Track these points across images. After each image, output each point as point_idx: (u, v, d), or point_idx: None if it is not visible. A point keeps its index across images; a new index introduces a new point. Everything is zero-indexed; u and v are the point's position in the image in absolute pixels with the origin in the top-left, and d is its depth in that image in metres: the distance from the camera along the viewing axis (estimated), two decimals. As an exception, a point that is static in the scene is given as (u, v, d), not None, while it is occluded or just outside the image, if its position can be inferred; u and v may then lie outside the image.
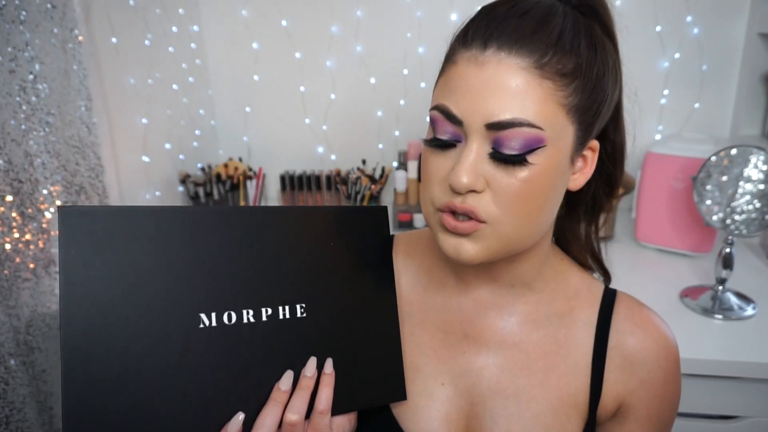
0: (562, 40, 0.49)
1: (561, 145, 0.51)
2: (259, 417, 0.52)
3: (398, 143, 1.76)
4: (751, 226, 1.12)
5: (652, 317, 0.62)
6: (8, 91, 1.09)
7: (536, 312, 0.62)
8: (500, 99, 0.48)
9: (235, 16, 1.71)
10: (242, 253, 0.53)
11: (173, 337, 0.50)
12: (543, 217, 0.53)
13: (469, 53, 0.50)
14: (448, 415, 0.61)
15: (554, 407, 0.60)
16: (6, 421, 1.08)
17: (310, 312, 0.56)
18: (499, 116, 0.48)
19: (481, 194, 0.50)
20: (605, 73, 0.52)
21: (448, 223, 0.52)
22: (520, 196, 0.50)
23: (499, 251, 0.53)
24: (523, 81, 0.48)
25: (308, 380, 0.54)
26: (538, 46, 0.48)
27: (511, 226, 0.51)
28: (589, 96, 0.51)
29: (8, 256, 1.11)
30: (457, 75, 0.50)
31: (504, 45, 0.48)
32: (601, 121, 0.55)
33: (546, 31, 0.49)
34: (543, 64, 0.48)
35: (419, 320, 0.65)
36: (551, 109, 0.49)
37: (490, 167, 0.50)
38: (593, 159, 0.56)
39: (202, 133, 1.77)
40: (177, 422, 0.50)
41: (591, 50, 0.51)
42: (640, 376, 0.60)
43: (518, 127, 0.48)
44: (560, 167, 0.52)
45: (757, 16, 1.43)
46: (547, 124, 0.49)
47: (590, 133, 0.54)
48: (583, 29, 0.51)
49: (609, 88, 0.53)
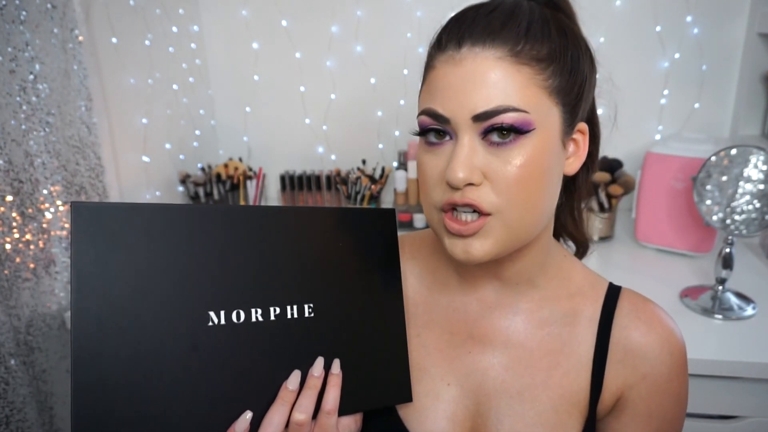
0: (531, 30, 0.51)
1: (549, 126, 0.52)
2: (267, 416, 0.52)
3: (398, 143, 1.76)
4: (751, 226, 1.12)
5: (658, 312, 0.62)
6: (8, 91, 1.09)
7: (540, 310, 0.62)
8: (483, 90, 0.49)
9: (235, 16, 1.71)
10: (252, 252, 0.54)
11: (182, 334, 0.50)
12: (545, 202, 0.54)
13: (446, 55, 0.51)
14: (454, 415, 0.62)
15: (556, 405, 0.60)
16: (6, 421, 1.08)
17: (318, 312, 0.56)
18: (484, 107, 0.49)
19: (480, 186, 0.51)
20: (579, 56, 0.54)
21: (452, 227, 0.52)
22: (519, 181, 0.50)
23: (507, 243, 0.53)
24: (502, 70, 0.49)
25: (316, 380, 0.54)
26: (509, 36, 0.50)
27: (515, 213, 0.52)
28: (569, 78, 0.52)
29: (8, 256, 1.11)
30: (437, 77, 0.52)
31: (477, 40, 0.50)
32: (585, 103, 0.56)
33: (515, 22, 0.51)
34: (518, 51, 0.49)
35: (425, 321, 0.65)
36: (533, 92, 0.50)
37: (485, 158, 0.50)
38: (584, 142, 0.57)
39: (202, 133, 1.77)
40: (185, 420, 0.50)
41: (562, 36, 0.52)
42: (642, 370, 0.60)
43: (504, 113, 0.49)
44: (553, 150, 0.52)
45: (757, 16, 1.43)
46: (531, 107, 0.50)
47: (576, 115, 0.55)
48: (550, 19, 0.53)
49: (587, 70, 0.55)
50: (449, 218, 0.52)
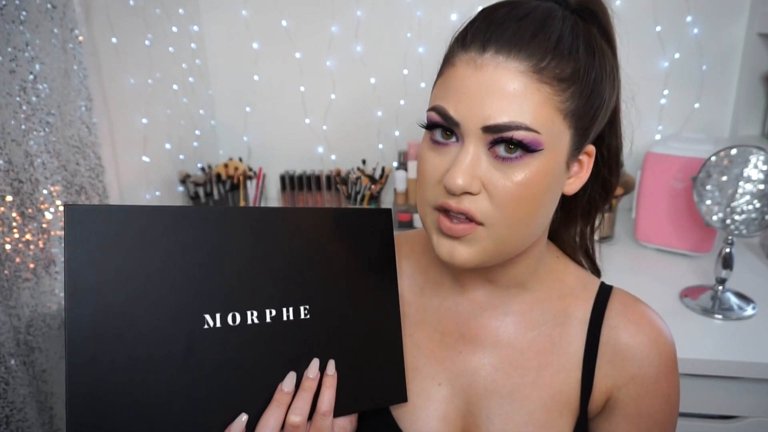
0: (560, 45, 0.49)
1: (557, 149, 0.51)
2: (262, 418, 0.52)
3: (398, 143, 1.76)
4: (751, 226, 1.12)
5: (647, 312, 0.62)
6: (8, 91, 1.09)
7: (531, 311, 0.62)
8: (498, 102, 0.48)
9: (235, 16, 1.71)
10: (247, 254, 0.53)
11: (178, 336, 0.50)
12: (537, 220, 0.53)
13: (468, 56, 0.50)
14: (445, 414, 0.62)
15: (546, 405, 0.60)
16: (6, 421, 1.08)
17: (314, 314, 0.56)
18: (496, 119, 0.48)
19: (477, 196, 0.50)
20: (603, 78, 0.52)
21: (443, 225, 0.52)
22: (516, 199, 0.50)
23: (492, 255, 0.53)
24: (521, 85, 0.48)
25: (311, 382, 0.54)
26: (536, 50, 0.48)
27: (507, 228, 0.51)
28: (586, 101, 0.51)
29: (8, 256, 1.11)
30: (455, 77, 0.50)
31: (502, 48, 0.48)
32: (598, 126, 0.55)
33: (545, 35, 0.49)
34: (541, 68, 0.48)
35: (417, 321, 0.65)
36: (548, 113, 0.49)
37: (487, 170, 0.50)
38: (589, 164, 0.57)
39: (202, 133, 1.77)
40: (180, 422, 0.50)
41: (589, 55, 0.51)
42: (631, 371, 0.60)
43: (515, 131, 0.48)
44: (556, 171, 0.52)
45: (757, 16, 1.43)
46: (544, 129, 0.49)
47: (586, 138, 0.54)
48: (581, 34, 0.51)
49: (606, 93, 0.53)
50: (443, 216, 0.52)
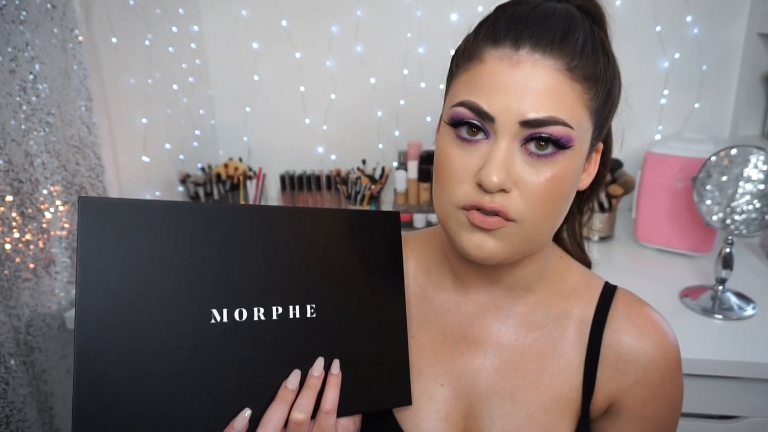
0: (586, 45, 0.50)
1: (583, 145, 0.52)
2: (266, 414, 0.52)
3: (398, 143, 1.76)
4: (751, 226, 1.12)
5: (652, 315, 0.61)
6: (8, 91, 1.09)
7: (533, 313, 0.62)
8: (537, 97, 0.48)
9: (235, 16, 1.71)
10: (256, 251, 0.54)
11: (184, 331, 0.50)
12: (561, 216, 0.55)
13: (500, 52, 0.50)
14: (447, 415, 0.62)
15: (547, 406, 0.60)
16: (6, 421, 1.08)
17: (320, 313, 0.56)
18: (535, 114, 0.48)
19: (510, 194, 0.50)
20: (615, 77, 0.54)
21: (475, 218, 0.51)
22: (546, 195, 0.50)
23: (518, 250, 0.53)
24: (558, 82, 0.49)
25: (315, 380, 0.54)
26: (568, 50, 0.49)
27: (536, 224, 0.52)
28: (605, 100, 0.53)
29: (8, 256, 1.12)
30: (487, 72, 0.50)
31: (538, 46, 0.49)
32: (609, 124, 0.57)
33: (574, 36, 0.50)
34: (573, 67, 0.49)
35: (419, 322, 0.65)
36: (579, 110, 0.50)
37: (519, 166, 0.50)
38: (597, 159, 0.58)
39: (202, 133, 1.77)
40: (184, 416, 0.50)
41: (605, 56, 0.52)
42: (635, 375, 0.60)
43: (553, 126, 0.49)
44: (579, 168, 0.53)
45: (757, 17, 1.43)
46: (576, 125, 0.50)
47: (601, 135, 0.56)
48: (597, 35, 0.53)
49: (617, 92, 0.55)
50: (475, 210, 0.51)
